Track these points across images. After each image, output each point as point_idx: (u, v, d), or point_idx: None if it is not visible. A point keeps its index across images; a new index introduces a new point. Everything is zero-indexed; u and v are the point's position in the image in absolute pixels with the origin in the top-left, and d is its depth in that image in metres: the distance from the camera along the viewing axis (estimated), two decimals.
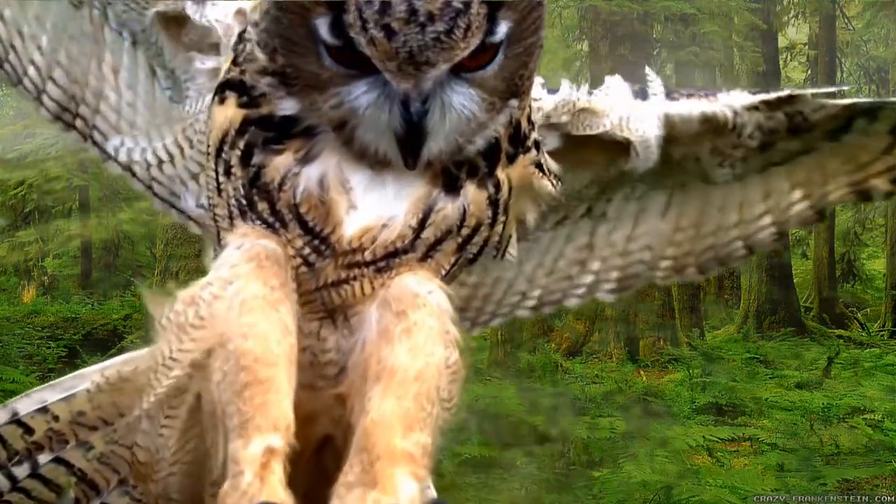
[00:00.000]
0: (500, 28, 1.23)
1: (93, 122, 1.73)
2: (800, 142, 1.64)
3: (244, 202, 1.36)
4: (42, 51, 1.71)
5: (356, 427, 1.28)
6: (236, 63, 1.39)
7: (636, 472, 6.36)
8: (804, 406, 8.63)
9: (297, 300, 1.35)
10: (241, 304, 1.29)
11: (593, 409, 8.28)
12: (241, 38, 1.40)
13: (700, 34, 12.10)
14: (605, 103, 1.55)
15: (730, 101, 1.57)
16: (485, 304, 1.71)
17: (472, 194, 1.36)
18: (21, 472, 1.61)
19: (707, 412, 8.56)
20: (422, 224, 1.34)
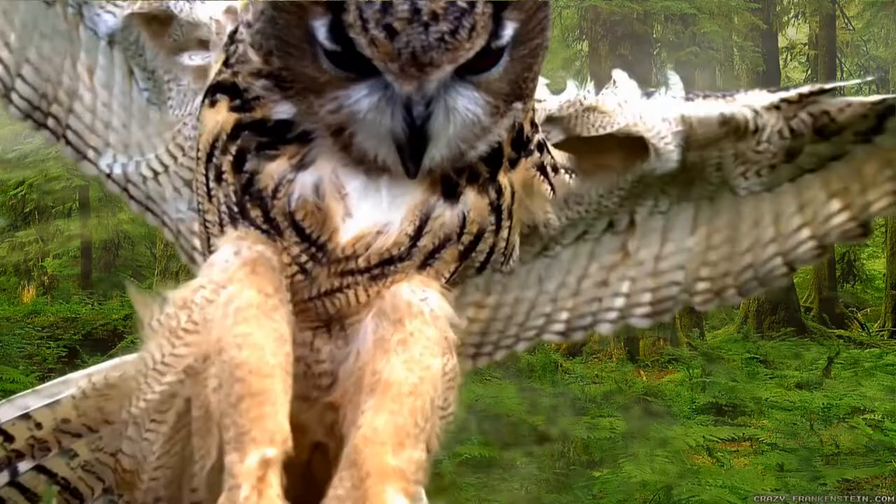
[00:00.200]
0: (506, 31, 1.18)
1: (66, 121, 1.68)
2: (829, 145, 1.54)
3: (236, 209, 1.32)
4: (10, 47, 1.65)
5: (348, 437, 1.25)
6: (228, 65, 1.33)
7: (636, 472, 6.35)
8: (804, 406, 8.63)
9: (292, 309, 1.31)
10: (236, 311, 1.25)
11: (593, 409, 8.28)
12: (233, 38, 1.35)
13: (700, 34, 12.09)
14: (613, 101, 1.49)
15: (749, 101, 1.49)
16: (507, 327, 1.63)
17: (472, 201, 1.31)
18: None
19: (707, 412, 8.56)
20: (419, 231, 1.30)
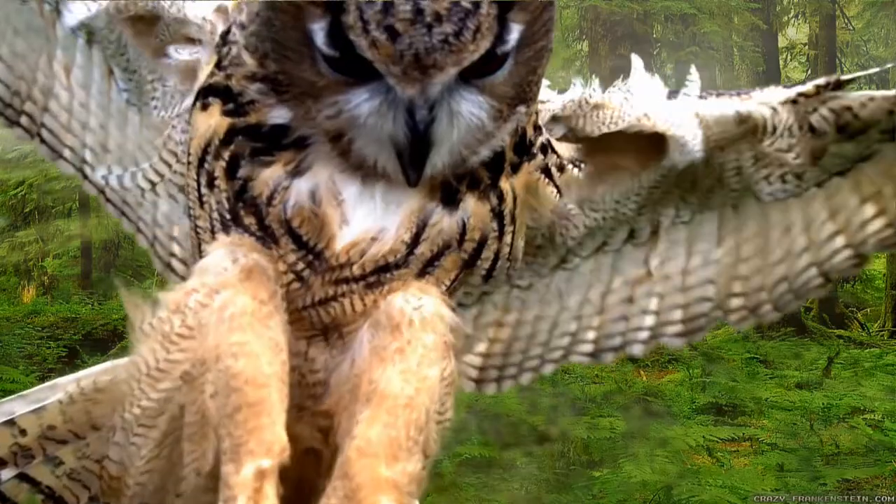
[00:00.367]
0: (512, 35, 1.14)
1: (41, 120, 1.64)
2: (855, 145, 1.47)
3: (228, 216, 1.28)
4: None
5: (342, 447, 1.23)
6: (221, 67, 1.29)
7: (636, 472, 6.35)
8: (804, 406, 8.61)
9: (287, 318, 1.28)
10: (231, 318, 1.22)
11: (593, 409, 8.27)
12: (226, 39, 1.30)
13: (700, 34, 12.10)
14: (619, 97, 1.44)
15: (765, 99, 1.43)
16: (530, 347, 1.58)
17: (472, 207, 1.28)
18: None
19: (707, 412, 8.55)
20: (416, 238, 1.26)
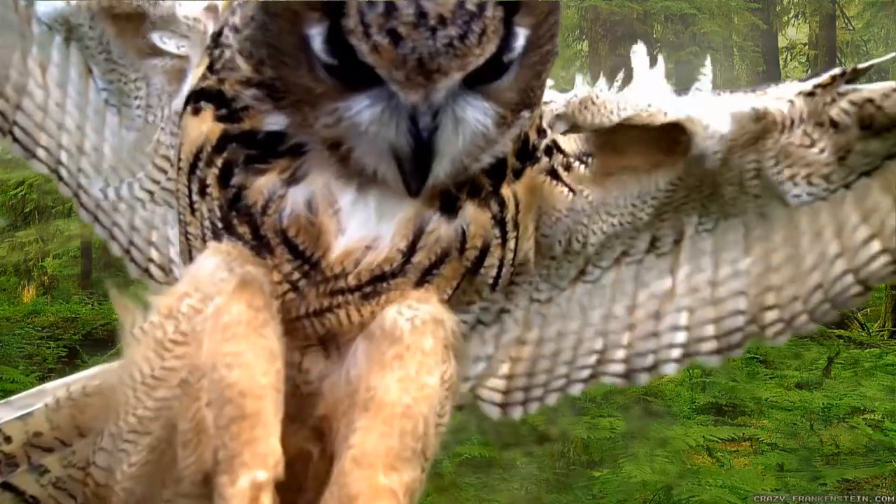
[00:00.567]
0: (518, 39, 1.11)
1: (13, 118, 1.59)
2: (881, 141, 1.41)
3: (221, 225, 1.24)
4: None
5: (338, 454, 1.21)
6: (213, 70, 1.25)
7: (636, 472, 6.35)
8: (804, 406, 8.61)
9: (281, 327, 1.25)
10: (224, 327, 1.19)
11: (593, 409, 8.26)
12: (218, 42, 1.26)
13: (700, 34, 12.10)
14: (625, 94, 1.39)
15: (781, 94, 1.38)
16: (554, 365, 1.53)
17: (471, 214, 1.24)
18: None
19: (707, 412, 8.54)
20: (412, 247, 1.22)
